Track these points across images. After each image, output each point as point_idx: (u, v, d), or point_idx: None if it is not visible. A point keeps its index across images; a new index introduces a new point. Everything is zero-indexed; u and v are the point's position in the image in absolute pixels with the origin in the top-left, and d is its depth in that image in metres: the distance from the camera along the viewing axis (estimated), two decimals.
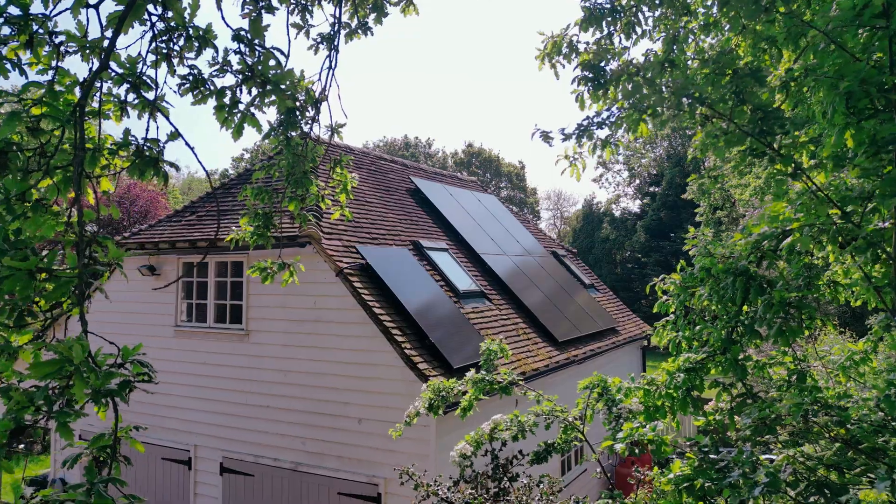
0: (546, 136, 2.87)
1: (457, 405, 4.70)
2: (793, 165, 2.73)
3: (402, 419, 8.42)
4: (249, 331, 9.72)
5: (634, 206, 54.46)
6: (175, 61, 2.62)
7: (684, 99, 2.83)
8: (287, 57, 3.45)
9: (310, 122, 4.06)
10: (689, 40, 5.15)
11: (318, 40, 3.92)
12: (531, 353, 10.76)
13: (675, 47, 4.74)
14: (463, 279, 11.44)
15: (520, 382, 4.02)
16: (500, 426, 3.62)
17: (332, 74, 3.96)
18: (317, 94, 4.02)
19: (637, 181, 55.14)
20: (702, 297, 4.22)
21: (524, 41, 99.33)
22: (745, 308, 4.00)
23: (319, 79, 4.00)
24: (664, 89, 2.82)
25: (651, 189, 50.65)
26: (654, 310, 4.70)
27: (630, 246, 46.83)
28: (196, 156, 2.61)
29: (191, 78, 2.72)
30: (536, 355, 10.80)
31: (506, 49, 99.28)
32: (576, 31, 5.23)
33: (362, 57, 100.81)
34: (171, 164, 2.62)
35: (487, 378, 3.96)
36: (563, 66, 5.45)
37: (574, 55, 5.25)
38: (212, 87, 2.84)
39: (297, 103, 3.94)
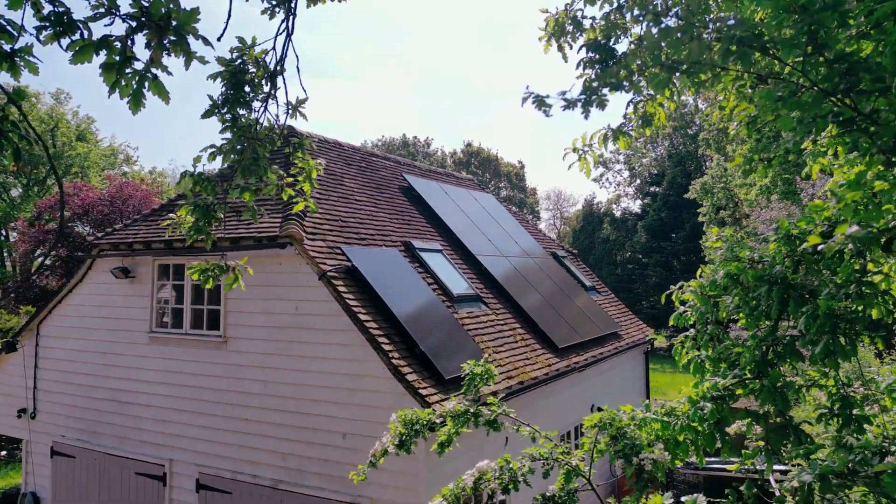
0: (541, 103, 2.23)
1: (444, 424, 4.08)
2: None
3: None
4: (228, 338, 9.08)
5: (635, 206, 53.90)
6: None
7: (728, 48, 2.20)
8: (228, 18, 2.81)
9: (264, 97, 3.42)
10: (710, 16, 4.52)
11: (273, 2, 3.30)
12: (529, 361, 10.13)
13: (696, 21, 4.08)
14: (458, 282, 10.81)
15: (510, 415, 3.38)
16: (486, 475, 2.99)
17: (289, 42, 3.32)
18: (271, 66, 3.38)
19: (638, 181, 54.54)
20: (728, 309, 3.58)
21: (527, 35, 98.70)
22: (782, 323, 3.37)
23: (274, 48, 3.36)
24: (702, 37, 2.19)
25: (652, 189, 50.06)
26: (671, 322, 4.06)
27: (631, 246, 46.25)
28: (29, 123, 1.97)
29: (53, 18, 2.06)
30: (535, 363, 10.17)
31: (506, 45, 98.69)
32: (581, 6, 4.60)
33: (361, 56, 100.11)
34: (22, 137, 1.98)
35: (471, 410, 3.31)
36: (570, 47, 4.83)
37: (579, 33, 4.63)
38: (86, 35, 2.18)
39: (249, 76, 3.30)
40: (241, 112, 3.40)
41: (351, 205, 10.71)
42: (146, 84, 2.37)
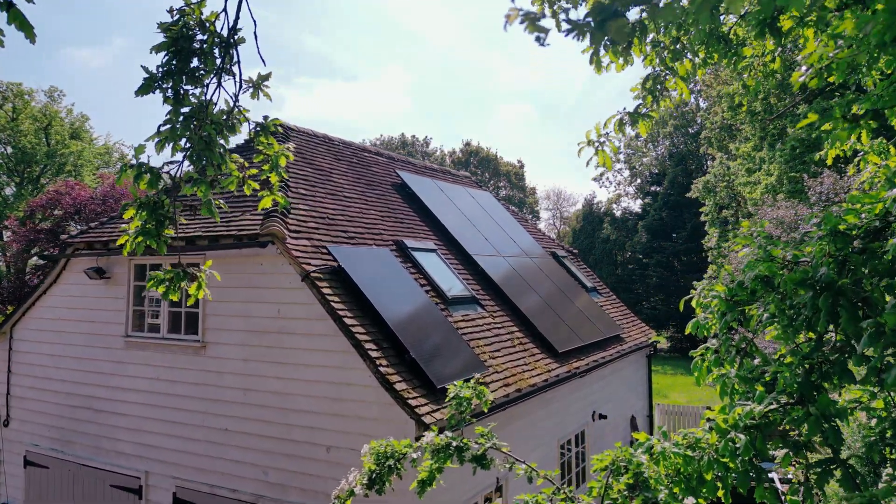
0: (534, 24, 1.62)
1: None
2: None
3: None
4: (206, 342, 8.52)
5: (636, 205, 53.36)
6: None
7: None
8: None
9: (217, 71, 2.87)
10: None
11: None
12: (528, 367, 9.58)
13: None
14: (452, 283, 10.26)
15: (503, 450, 2.83)
16: None
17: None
18: (225, 34, 2.84)
19: (638, 180, 53.99)
20: (761, 318, 3.04)
21: (526, 35, 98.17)
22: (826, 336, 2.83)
23: (225, 10, 2.82)
24: None
25: (653, 188, 49.53)
26: (688, 331, 3.52)
27: (631, 246, 45.72)
28: None
29: None
30: (534, 369, 9.63)
31: (506, 45, 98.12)
32: None
33: (361, 56, 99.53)
34: None
35: (454, 443, 2.75)
36: (566, 14, 4.28)
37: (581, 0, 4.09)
38: None
39: (197, 44, 2.76)
40: (189, 88, 2.85)
41: (340, 202, 10.16)
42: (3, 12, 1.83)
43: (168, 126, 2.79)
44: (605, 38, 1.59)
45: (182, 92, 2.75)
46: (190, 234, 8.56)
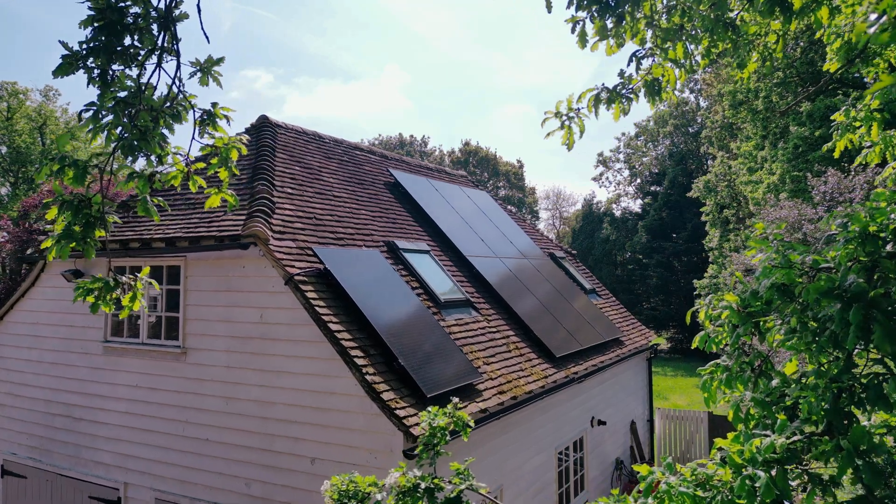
0: None
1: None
2: None
3: (362, 461, 6.87)
4: (187, 349, 8.15)
5: (635, 205, 52.97)
6: None
7: None
8: None
9: (155, 51, 2.51)
10: None
11: None
12: (524, 372, 9.22)
13: None
14: (446, 286, 9.89)
15: (481, 491, 2.44)
16: None
17: None
18: (161, 6, 2.47)
19: (638, 180, 53.60)
20: (779, 332, 2.67)
21: (525, 34, 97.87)
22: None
23: None
24: None
25: (653, 188, 49.14)
26: (694, 345, 3.16)
27: (631, 247, 45.32)
28: None
29: None
30: (530, 375, 9.27)
31: (505, 45, 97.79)
32: None
33: (361, 56, 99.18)
34: None
35: (423, 484, 2.37)
36: None
37: None
38: None
39: (130, 18, 2.39)
40: (120, 69, 2.49)
41: (329, 201, 9.78)
42: None
43: (91, 112, 2.43)
44: None
45: (111, 73, 2.40)
46: (170, 234, 8.19)
